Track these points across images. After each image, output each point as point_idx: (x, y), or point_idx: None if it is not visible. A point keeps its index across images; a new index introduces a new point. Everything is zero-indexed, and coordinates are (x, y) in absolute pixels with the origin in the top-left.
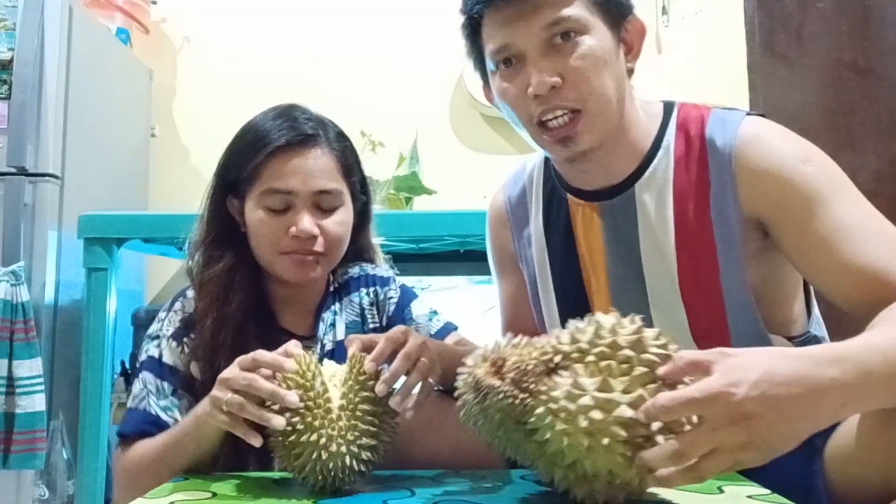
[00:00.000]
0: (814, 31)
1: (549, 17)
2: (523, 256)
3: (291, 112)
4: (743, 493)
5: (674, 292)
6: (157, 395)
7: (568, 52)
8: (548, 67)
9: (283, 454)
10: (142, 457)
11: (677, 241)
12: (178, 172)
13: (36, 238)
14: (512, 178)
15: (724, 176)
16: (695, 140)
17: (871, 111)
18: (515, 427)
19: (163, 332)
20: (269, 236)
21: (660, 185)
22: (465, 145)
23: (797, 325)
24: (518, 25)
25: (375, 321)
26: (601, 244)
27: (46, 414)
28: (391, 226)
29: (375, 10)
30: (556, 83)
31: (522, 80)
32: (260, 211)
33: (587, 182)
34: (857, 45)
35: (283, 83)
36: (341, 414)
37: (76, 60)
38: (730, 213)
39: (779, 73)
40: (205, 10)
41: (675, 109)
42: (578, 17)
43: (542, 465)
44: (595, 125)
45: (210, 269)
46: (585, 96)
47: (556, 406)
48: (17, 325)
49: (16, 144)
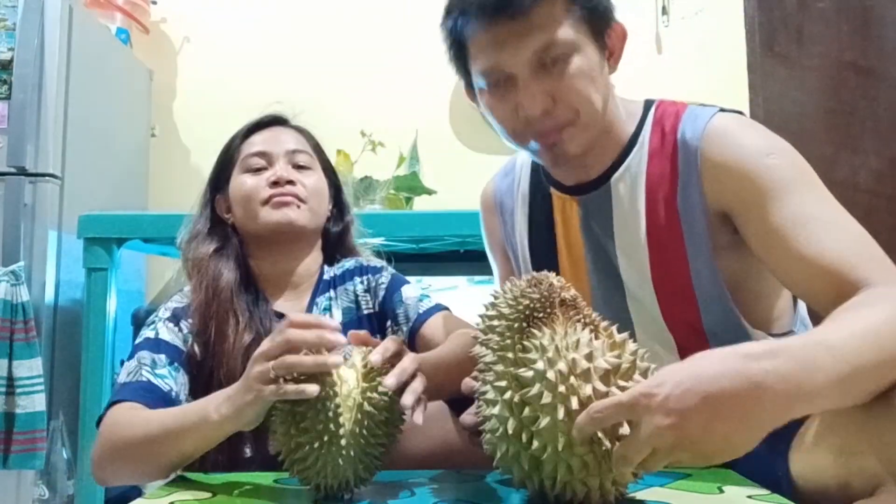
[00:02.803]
0: (814, 31)
1: (539, 41)
2: (511, 245)
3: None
4: (743, 493)
5: (647, 284)
6: (153, 366)
7: (558, 73)
8: (539, 90)
9: (287, 455)
10: (138, 426)
11: (648, 233)
12: (178, 172)
13: (36, 238)
14: (503, 170)
15: (691, 168)
16: (668, 135)
17: (871, 111)
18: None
19: (158, 317)
20: (251, 191)
21: (633, 178)
22: (465, 145)
23: (780, 321)
24: (508, 49)
25: (369, 307)
26: (580, 237)
27: (46, 414)
28: (391, 226)
29: (375, 10)
30: (549, 106)
31: (512, 99)
32: (241, 176)
33: (567, 178)
34: (857, 45)
35: (282, 83)
36: (351, 419)
37: (76, 60)
38: (696, 205)
39: (779, 73)
40: (205, 10)
41: (654, 106)
42: (567, 39)
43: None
44: (582, 136)
45: (199, 253)
46: (577, 113)
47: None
48: (17, 325)
49: (16, 144)
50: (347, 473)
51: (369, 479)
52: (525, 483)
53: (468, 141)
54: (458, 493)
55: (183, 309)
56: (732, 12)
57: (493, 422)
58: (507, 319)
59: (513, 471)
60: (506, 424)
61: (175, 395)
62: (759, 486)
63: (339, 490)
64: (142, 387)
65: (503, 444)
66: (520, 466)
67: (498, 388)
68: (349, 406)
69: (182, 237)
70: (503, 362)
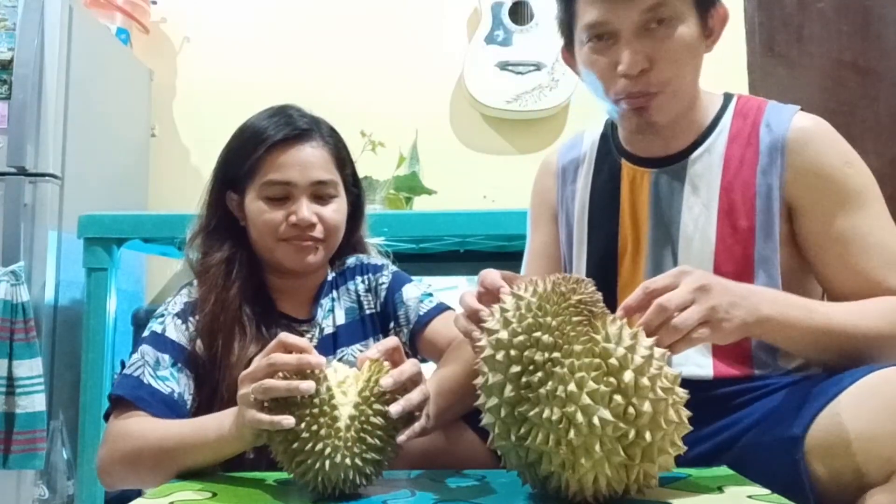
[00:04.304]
0: (814, 31)
1: (648, 1)
2: (565, 209)
3: (286, 110)
4: (743, 493)
5: (707, 261)
6: (155, 367)
7: (661, 37)
8: (640, 50)
9: (285, 458)
10: (151, 438)
11: (720, 210)
12: (178, 172)
13: (36, 238)
14: (569, 142)
15: (775, 154)
16: (750, 124)
17: (871, 111)
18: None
19: (168, 311)
20: (269, 224)
21: (711, 159)
22: (465, 145)
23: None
24: (618, 4)
25: (371, 307)
26: (646, 208)
27: (46, 414)
28: (391, 226)
29: (375, 10)
30: (646, 67)
31: (612, 55)
32: (260, 202)
33: (645, 150)
34: (857, 45)
35: (282, 83)
36: (351, 424)
37: (76, 60)
38: (774, 188)
39: (779, 73)
40: (205, 10)
41: (735, 97)
42: (675, 4)
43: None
44: (671, 107)
45: (209, 257)
46: (669, 81)
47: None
48: (17, 325)
49: (16, 144)
50: (342, 473)
51: (370, 483)
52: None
53: (468, 141)
54: (458, 493)
55: (192, 304)
56: (732, 12)
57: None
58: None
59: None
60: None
61: (179, 396)
62: (772, 474)
63: (334, 490)
64: (141, 387)
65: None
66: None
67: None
68: (346, 402)
69: (189, 231)
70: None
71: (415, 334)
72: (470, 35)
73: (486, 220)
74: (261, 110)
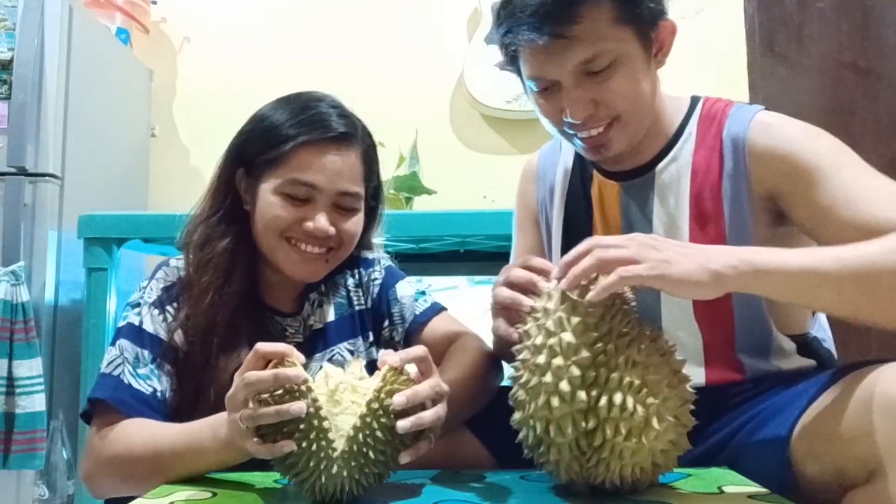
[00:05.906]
0: (814, 31)
1: (582, 54)
2: (544, 214)
3: (326, 104)
4: (743, 492)
5: None
6: (135, 364)
7: (602, 79)
8: (582, 97)
9: (282, 469)
10: (141, 449)
11: (691, 218)
12: (178, 172)
13: (36, 238)
14: (550, 144)
15: (738, 158)
16: (715, 128)
17: (871, 111)
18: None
19: (144, 300)
20: (278, 220)
21: (679, 167)
22: (465, 145)
23: (800, 323)
24: (553, 59)
25: (361, 303)
26: (618, 220)
27: (46, 414)
28: (391, 226)
29: (375, 9)
30: (591, 111)
31: (558, 102)
32: (277, 196)
33: (612, 163)
34: (857, 45)
35: (282, 83)
36: (354, 436)
37: (76, 60)
38: (741, 191)
39: (779, 73)
40: (205, 10)
41: (701, 102)
42: (611, 50)
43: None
44: (628, 133)
45: (212, 246)
46: (620, 112)
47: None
48: (17, 325)
49: (16, 144)
50: (339, 483)
51: (369, 492)
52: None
53: (468, 141)
54: (459, 494)
55: (169, 290)
56: (732, 12)
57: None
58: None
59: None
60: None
61: (161, 394)
62: (761, 474)
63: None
64: (121, 388)
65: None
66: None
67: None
68: (347, 426)
69: (193, 212)
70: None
71: (410, 334)
72: (470, 35)
73: (486, 220)
74: (298, 91)
